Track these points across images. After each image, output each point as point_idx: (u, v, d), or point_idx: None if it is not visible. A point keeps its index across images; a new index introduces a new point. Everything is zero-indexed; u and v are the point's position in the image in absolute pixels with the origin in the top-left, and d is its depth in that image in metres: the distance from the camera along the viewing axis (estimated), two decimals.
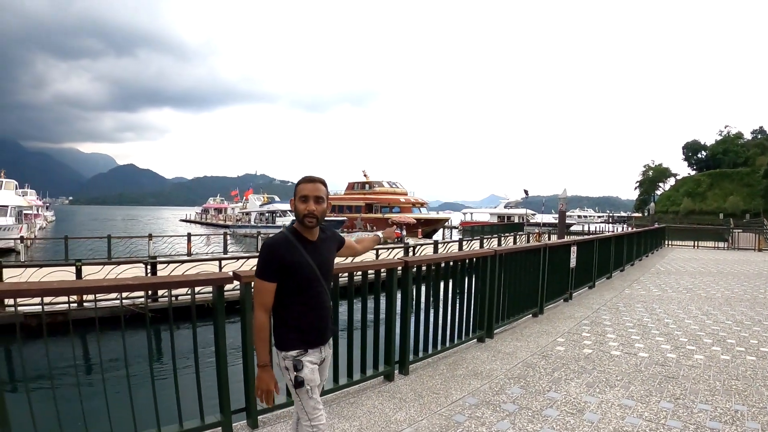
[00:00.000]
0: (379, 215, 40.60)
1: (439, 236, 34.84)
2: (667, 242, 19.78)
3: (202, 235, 25.79)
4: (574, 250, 7.22)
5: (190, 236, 19.30)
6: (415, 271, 3.92)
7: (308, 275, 2.00)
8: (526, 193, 50.46)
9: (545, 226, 39.63)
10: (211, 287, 2.74)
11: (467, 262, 4.77)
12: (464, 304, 4.59)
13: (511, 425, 2.93)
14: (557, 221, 31.19)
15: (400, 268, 3.77)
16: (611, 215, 77.88)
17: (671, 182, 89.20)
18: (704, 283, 9.25)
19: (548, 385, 3.63)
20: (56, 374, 6.01)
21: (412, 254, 13.56)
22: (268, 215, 40.66)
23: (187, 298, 4.86)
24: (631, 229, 21.31)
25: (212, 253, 18.73)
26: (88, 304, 7.70)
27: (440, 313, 4.27)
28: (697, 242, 20.07)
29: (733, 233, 20.89)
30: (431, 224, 38.61)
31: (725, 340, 5.00)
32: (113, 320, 7.11)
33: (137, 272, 9.26)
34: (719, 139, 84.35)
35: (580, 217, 66.36)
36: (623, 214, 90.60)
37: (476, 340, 4.81)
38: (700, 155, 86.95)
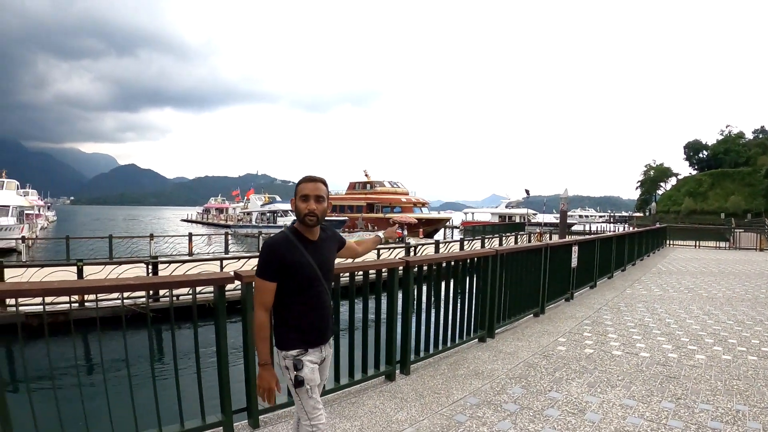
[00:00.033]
0: (380, 215, 40.62)
1: (440, 236, 34.81)
2: (668, 242, 19.77)
3: (203, 235, 25.79)
4: (575, 249, 7.21)
5: (191, 236, 19.35)
6: (416, 270, 3.92)
7: (309, 275, 2.00)
8: (527, 192, 50.43)
9: (546, 225, 39.54)
10: (212, 287, 2.74)
11: (468, 261, 4.78)
12: (465, 303, 4.58)
13: (512, 425, 2.92)
14: (558, 221, 31.17)
15: (401, 267, 3.78)
16: (612, 215, 77.77)
17: (672, 182, 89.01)
18: (706, 282, 9.24)
19: (549, 385, 3.63)
20: (57, 374, 6.03)
21: (413, 254, 13.57)
22: (269, 215, 40.67)
23: (188, 298, 4.87)
24: (632, 228, 21.28)
25: (213, 253, 18.74)
26: (89, 304, 7.70)
27: (441, 312, 4.26)
28: (698, 242, 20.05)
29: (734, 233, 20.84)
30: (432, 224, 38.61)
31: (726, 340, 4.99)
32: (114, 320, 7.13)
33: (138, 272, 9.27)
34: (720, 138, 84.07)
35: (581, 216, 66.20)
36: (624, 213, 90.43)
37: (477, 339, 4.80)
38: (701, 155, 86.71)
